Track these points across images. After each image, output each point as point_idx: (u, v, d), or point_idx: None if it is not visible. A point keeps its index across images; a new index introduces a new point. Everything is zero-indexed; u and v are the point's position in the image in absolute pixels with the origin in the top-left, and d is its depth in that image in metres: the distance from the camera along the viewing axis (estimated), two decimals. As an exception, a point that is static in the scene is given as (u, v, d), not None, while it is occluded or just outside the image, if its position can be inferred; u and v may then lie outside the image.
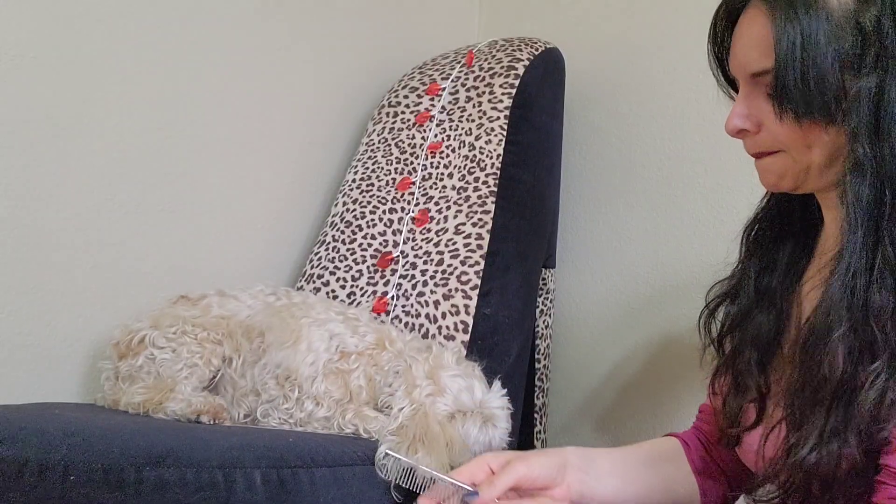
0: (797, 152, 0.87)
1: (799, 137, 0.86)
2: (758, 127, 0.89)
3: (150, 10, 1.38)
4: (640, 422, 1.61)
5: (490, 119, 1.52)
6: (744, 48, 0.88)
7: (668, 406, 1.56)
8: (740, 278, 1.01)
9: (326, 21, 1.68)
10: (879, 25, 0.80)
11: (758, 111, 0.89)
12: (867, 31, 0.80)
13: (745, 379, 0.97)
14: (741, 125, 0.90)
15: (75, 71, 1.29)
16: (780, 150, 0.89)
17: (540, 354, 1.55)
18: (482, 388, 1.07)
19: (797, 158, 0.88)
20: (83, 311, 1.30)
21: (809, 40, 0.81)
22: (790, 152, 0.88)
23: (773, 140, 0.88)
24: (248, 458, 0.88)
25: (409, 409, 1.02)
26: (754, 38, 0.86)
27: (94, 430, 0.92)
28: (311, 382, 1.12)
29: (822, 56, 0.81)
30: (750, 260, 1.00)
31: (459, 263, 1.38)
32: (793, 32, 0.82)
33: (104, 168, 1.33)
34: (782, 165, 0.90)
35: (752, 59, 0.87)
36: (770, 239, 1.00)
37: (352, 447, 0.98)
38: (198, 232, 1.47)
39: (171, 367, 1.16)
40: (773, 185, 0.93)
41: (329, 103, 1.71)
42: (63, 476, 0.84)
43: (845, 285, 0.80)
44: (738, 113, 0.90)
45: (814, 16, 0.81)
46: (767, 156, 0.91)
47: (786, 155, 0.89)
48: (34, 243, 1.25)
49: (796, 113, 0.83)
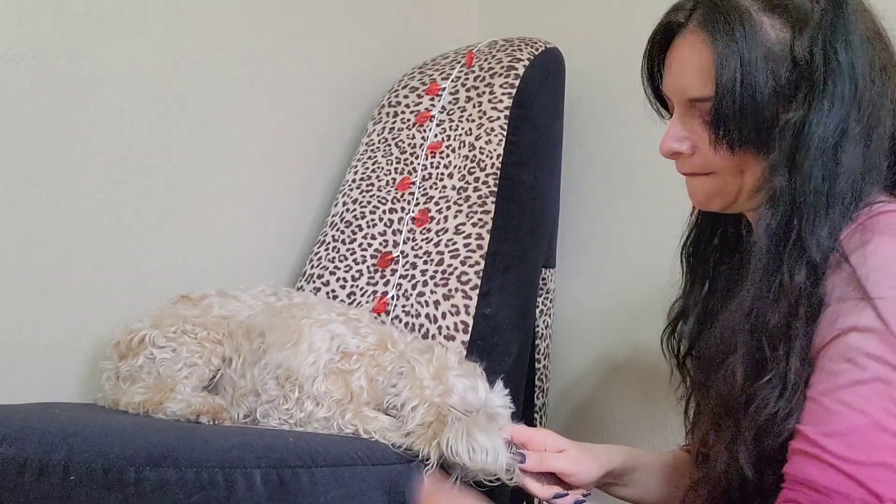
0: (729, 176, 0.89)
1: (732, 163, 0.87)
2: (692, 150, 0.91)
3: (151, 10, 1.38)
4: (641, 422, 1.61)
5: (490, 119, 1.52)
6: (682, 72, 0.89)
7: (668, 406, 1.56)
8: (688, 298, 1.04)
9: (326, 21, 1.68)
10: (811, 57, 0.81)
11: (693, 134, 0.90)
12: (801, 64, 0.81)
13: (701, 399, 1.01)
14: (676, 148, 0.92)
15: (75, 71, 1.29)
16: (712, 172, 0.90)
17: (540, 354, 1.55)
18: (485, 387, 1.07)
19: (728, 182, 0.90)
20: (83, 311, 1.30)
21: (749, 73, 0.82)
22: (722, 175, 0.90)
23: (706, 163, 0.90)
24: (248, 458, 0.88)
25: (423, 406, 1.02)
26: (693, 64, 0.87)
27: (94, 430, 0.92)
28: (311, 382, 1.12)
29: (760, 90, 0.83)
30: (694, 280, 1.04)
31: (459, 263, 1.38)
32: (734, 64, 0.82)
33: (104, 168, 1.33)
34: (713, 187, 0.92)
35: (692, 85, 0.87)
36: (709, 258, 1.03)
37: (352, 447, 0.98)
38: (198, 232, 1.47)
39: (171, 366, 1.16)
40: (703, 203, 0.96)
41: (329, 103, 1.71)
42: (63, 476, 0.85)
43: (747, 308, 0.83)
44: (674, 136, 0.92)
45: (753, 47, 0.82)
46: (699, 176, 0.92)
47: (718, 177, 0.90)
48: (34, 243, 1.25)
49: (731, 142, 0.85)
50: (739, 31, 0.82)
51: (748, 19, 0.83)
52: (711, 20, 0.85)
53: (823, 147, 0.80)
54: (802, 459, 0.79)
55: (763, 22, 0.83)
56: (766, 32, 0.83)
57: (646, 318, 1.61)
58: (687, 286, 1.05)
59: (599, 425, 1.68)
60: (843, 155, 0.81)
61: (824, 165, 0.81)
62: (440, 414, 1.01)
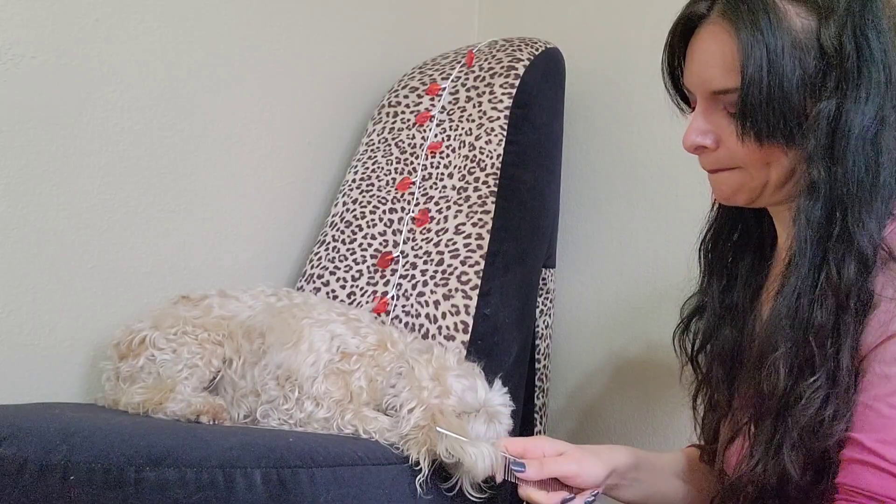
0: (755, 170, 0.87)
1: (759, 156, 0.85)
2: (717, 144, 0.89)
3: (150, 10, 1.38)
4: (641, 421, 1.61)
5: (490, 119, 1.52)
6: (705, 65, 0.87)
7: (668, 406, 1.56)
8: (705, 294, 1.01)
9: (326, 21, 1.68)
10: (840, 46, 0.79)
11: (717, 128, 0.88)
12: (829, 53, 0.80)
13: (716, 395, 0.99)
14: (700, 141, 0.89)
15: (75, 71, 1.29)
16: (737, 166, 0.88)
17: (540, 354, 1.55)
18: (484, 386, 1.07)
19: (754, 175, 0.87)
20: (83, 311, 1.30)
21: (776, 63, 0.80)
22: (748, 169, 0.87)
23: (731, 157, 0.88)
24: (248, 458, 0.88)
25: (420, 410, 1.02)
26: (717, 55, 0.85)
27: (94, 430, 0.92)
28: (311, 383, 1.12)
29: (787, 79, 0.81)
30: (712, 275, 1.01)
31: (459, 263, 1.38)
32: (759, 54, 0.81)
33: (104, 168, 1.33)
34: (738, 181, 0.89)
35: (715, 76, 0.85)
36: (728, 253, 1.00)
37: (352, 447, 0.98)
38: (198, 232, 1.47)
39: (171, 367, 1.16)
40: (728, 199, 0.93)
41: (329, 103, 1.70)
42: (63, 476, 0.85)
43: (790, 304, 0.81)
44: (697, 129, 0.89)
45: (779, 37, 0.80)
46: (724, 171, 0.90)
47: (743, 171, 0.88)
48: (34, 243, 1.25)
49: (759, 134, 0.83)
50: (764, 20, 0.81)
51: (772, 8, 0.81)
52: (735, 10, 0.83)
53: (864, 136, 0.79)
54: (858, 468, 0.76)
55: (788, 10, 0.81)
56: (792, 20, 0.81)
57: (646, 317, 1.62)
58: (704, 282, 1.02)
59: (600, 425, 1.68)
60: (883, 143, 0.79)
61: (866, 155, 0.79)
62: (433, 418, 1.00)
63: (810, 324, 0.80)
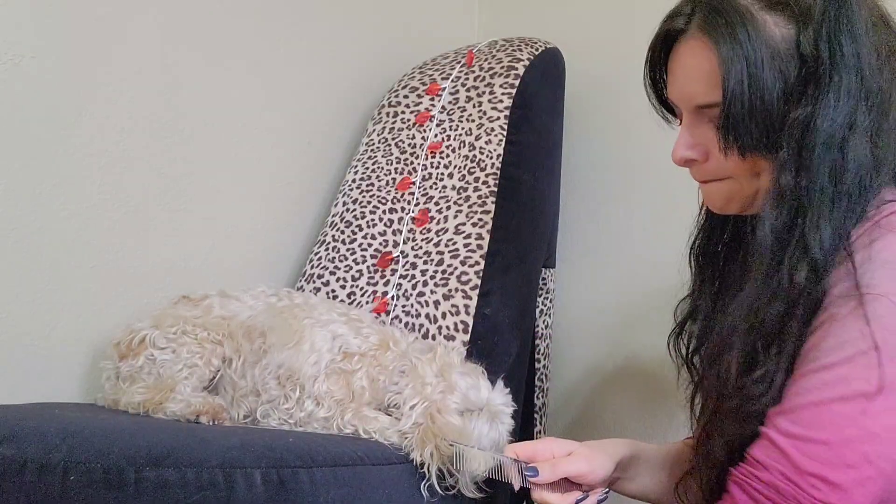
0: (745, 180, 0.87)
1: (746, 167, 0.86)
2: (705, 156, 0.89)
3: (151, 9, 1.38)
4: (640, 422, 1.61)
5: (490, 119, 1.52)
6: (687, 80, 0.87)
7: (667, 406, 1.56)
8: (697, 297, 1.02)
9: (326, 21, 1.68)
10: (817, 51, 0.79)
11: (704, 140, 0.88)
12: (807, 60, 0.80)
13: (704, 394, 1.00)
14: (689, 155, 0.90)
15: (75, 71, 1.29)
16: (727, 176, 0.89)
17: (540, 354, 1.55)
18: (487, 386, 1.08)
19: (745, 185, 0.88)
20: (83, 311, 1.30)
21: (756, 76, 0.80)
22: (738, 179, 0.88)
23: (720, 168, 0.88)
24: (248, 458, 0.88)
25: (422, 406, 1.02)
26: (698, 70, 0.85)
27: (94, 430, 0.92)
28: (312, 382, 1.13)
29: (769, 91, 0.81)
30: (703, 279, 1.02)
31: (459, 263, 1.38)
32: (740, 68, 0.80)
33: (104, 168, 1.33)
34: (729, 191, 0.90)
35: (698, 91, 0.86)
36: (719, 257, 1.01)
37: (352, 447, 0.98)
38: (198, 232, 1.47)
39: (171, 367, 1.16)
40: (720, 208, 0.94)
41: (329, 103, 1.70)
42: (63, 476, 0.85)
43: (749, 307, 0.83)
44: (685, 143, 0.90)
45: (758, 48, 0.80)
46: (715, 182, 0.91)
47: (733, 181, 0.89)
48: (34, 243, 1.25)
49: (742, 148, 0.83)
50: (742, 32, 0.80)
51: (750, 19, 0.81)
52: (712, 23, 0.82)
53: (830, 143, 0.79)
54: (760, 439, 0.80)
55: (766, 20, 0.81)
56: (770, 31, 0.81)
57: (646, 317, 1.62)
58: (696, 286, 1.03)
59: (599, 425, 1.68)
60: (849, 150, 0.79)
61: (832, 161, 0.79)
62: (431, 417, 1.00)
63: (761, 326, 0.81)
